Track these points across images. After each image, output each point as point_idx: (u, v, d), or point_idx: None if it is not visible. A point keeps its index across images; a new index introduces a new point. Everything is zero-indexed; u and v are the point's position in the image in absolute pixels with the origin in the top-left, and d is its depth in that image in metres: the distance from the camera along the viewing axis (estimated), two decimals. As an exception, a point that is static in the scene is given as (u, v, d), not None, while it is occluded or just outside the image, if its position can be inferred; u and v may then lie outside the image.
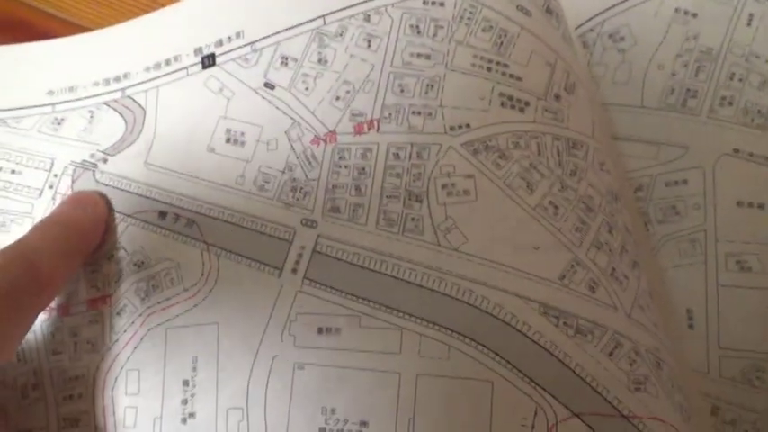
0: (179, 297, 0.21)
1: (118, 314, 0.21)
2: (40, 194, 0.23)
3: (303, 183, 0.21)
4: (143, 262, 0.21)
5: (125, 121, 0.23)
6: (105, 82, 0.24)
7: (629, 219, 0.23)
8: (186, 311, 0.20)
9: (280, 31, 0.22)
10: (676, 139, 0.24)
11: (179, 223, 0.21)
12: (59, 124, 0.24)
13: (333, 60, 0.22)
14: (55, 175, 0.23)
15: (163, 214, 0.22)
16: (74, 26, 0.31)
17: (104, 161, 0.23)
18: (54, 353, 0.21)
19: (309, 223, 0.20)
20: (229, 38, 0.23)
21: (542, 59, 0.22)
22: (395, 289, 0.19)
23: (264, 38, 0.22)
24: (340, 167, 0.21)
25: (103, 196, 0.22)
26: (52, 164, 0.24)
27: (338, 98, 0.21)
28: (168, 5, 0.25)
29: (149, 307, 0.21)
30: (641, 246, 0.23)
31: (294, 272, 0.20)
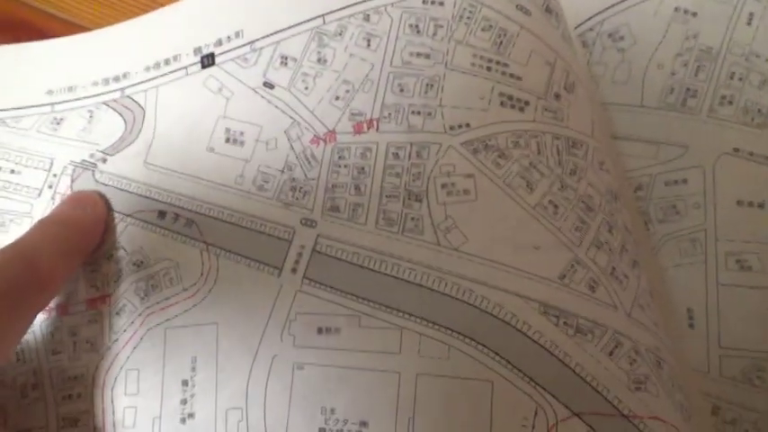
0: (178, 297, 0.21)
1: (117, 314, 0.21)
2: (39, 194, 0.23)
3: (302, 182, 0.21)
4: (142, 262, 0.21)
5: (124, 121, 0.23)
6: (105, 82, 0.24)
7: (628, 218, 0.23)
8: (185, 311, 0.20)
9: (279, 31, 0.22)
10: (676, 139, 0.24)
11: (178, 223, 0.21)
12: (59, 124, 0.24)
13: (332, 60, 0.22)
14: (54, 175, 0.23)
15: (162, 214, 0.22)
16: (75, 26, 0.31)
17: (104, 161, 0.23)
18: (53, 353, 0.21)
19: (309, 223, 0.20)
20: (229, 37, 0.23)
21: (542, 59, 0.22)
22: (395, 289, 0.19)
23: (264, 37, 0.22)
24: (339, 167, 0.21)
25: (103, 196, 0.22)
26: (51, 164, 0.23)
27: (338, 98, 0.21)
28: (168, 5, 0.25)
29: (148, 307, 0.21)
30: (641, 245, 0.23)
31: (294, 271, 0.20)
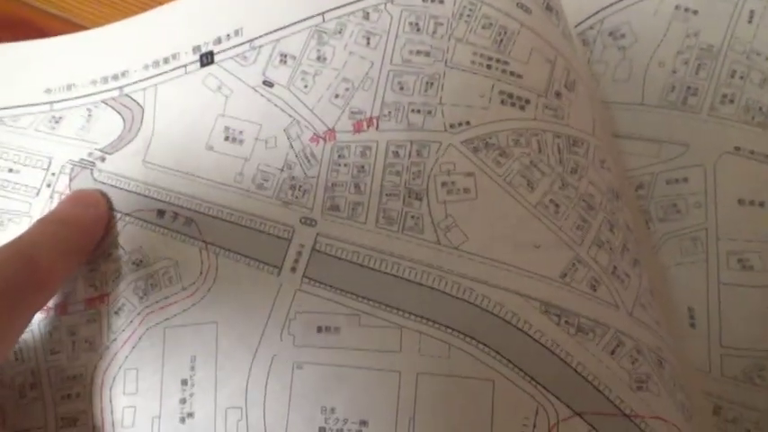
0: (177, 296, 0.21)
1: (116, 313, 0.21)
2: (38, 193, 0.23)
3: (302, 181, 0.21)
4: (141, 261, 0.21)
5: (123, 120, 0.23)
6: (103, 80, 0.24)
7: (630, 217, 0.23)
8: (185, 311, 0.20)
9: (278, 29, 0.22)
10: (677, 137, 0.24)
11: (177, 222, 0.21)
12: (57, 122, 0.24)
13: (332, 58, 0.22)
14: (53, 174, 0.23)
15: (161, 213, 0.22)
16: (74, 25, 0.31)
17: (102, 159, 0.23)
18: (52, 352, 0.21)
19: (308, 221, 0.20)
20: (228, 36, 0.23)
21: (542, 57, 0.22)
22: (395, 287, 0.19)
23: (263, 35, 0.22)
24: (339, 165, 0.21)
25: (105, 195, 0.22)
26: (50, 162, 0.23)
27: (337, 96, 0.21)
28: (167, 3, 0.24)
29: (148, 306, 0.21)
30: (642, 244, 0.23)
31: (293, 270, 0.20)
